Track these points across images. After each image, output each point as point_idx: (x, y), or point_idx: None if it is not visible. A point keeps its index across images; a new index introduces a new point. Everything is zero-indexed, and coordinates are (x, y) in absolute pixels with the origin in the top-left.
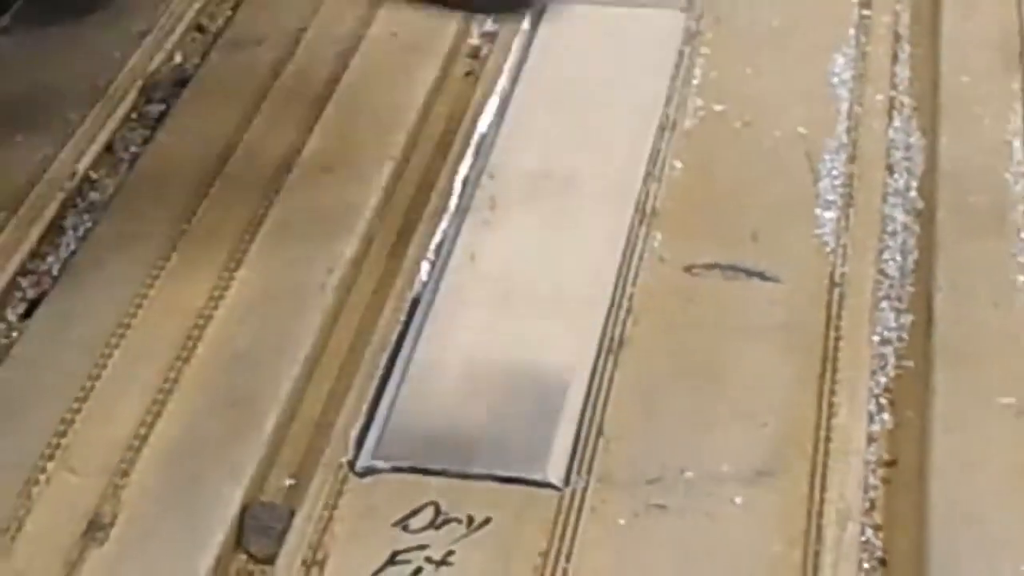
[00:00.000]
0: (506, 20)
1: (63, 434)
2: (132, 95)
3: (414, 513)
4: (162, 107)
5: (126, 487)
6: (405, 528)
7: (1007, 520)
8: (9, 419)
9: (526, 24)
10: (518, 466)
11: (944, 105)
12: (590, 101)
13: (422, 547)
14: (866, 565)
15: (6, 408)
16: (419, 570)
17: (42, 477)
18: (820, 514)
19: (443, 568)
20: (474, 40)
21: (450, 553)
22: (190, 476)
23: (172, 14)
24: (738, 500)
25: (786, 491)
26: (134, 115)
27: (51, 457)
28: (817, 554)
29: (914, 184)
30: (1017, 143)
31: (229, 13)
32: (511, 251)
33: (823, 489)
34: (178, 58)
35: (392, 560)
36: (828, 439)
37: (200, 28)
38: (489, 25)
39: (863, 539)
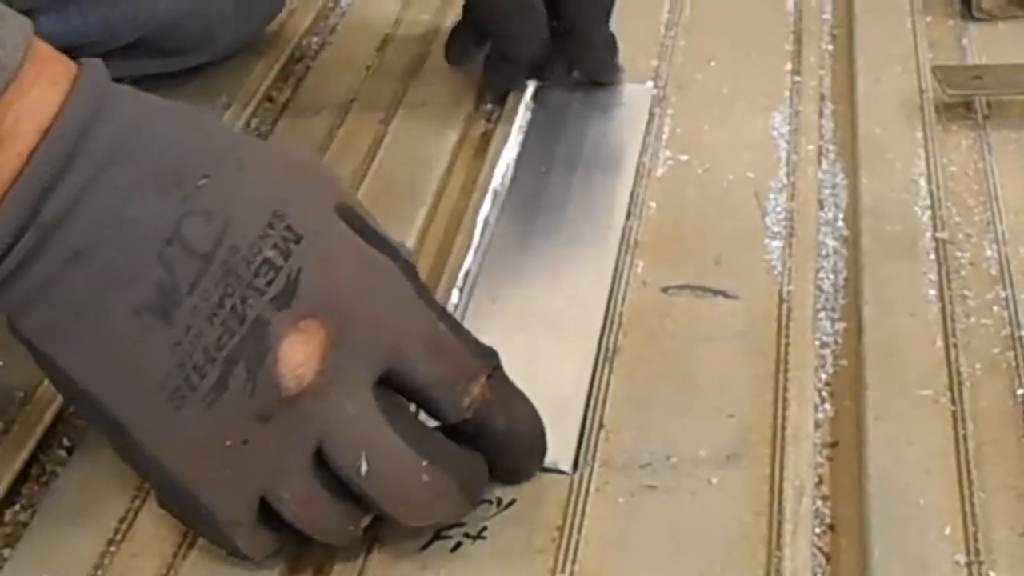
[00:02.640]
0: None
1: None
2: None
3: None
4: None
5: None
6: None
7: (931, 490)
8: None
9: (530, 92)
10: None
11: (862, 152)
12: (581, 155)
13: (461, 525)
14: (817, 531)
15: None
16: (459, 544)
17: None
18: (780, 491)
19: (479, 541)
20: (488, 106)
21: (484, 529)
22: None
23: (249, 88)
24: (714, 480)
25: (752, 471)
26: None
27: None
28: (779, 524)
29: (840, 216)
30: (922, 182)
31: (294, 87)
32: (523, 279)
33: (782, 469)
34: (254, 124)
35: (437, 536)
36: (783, 427)
37: (271, 99)
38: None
39: (814, 508)
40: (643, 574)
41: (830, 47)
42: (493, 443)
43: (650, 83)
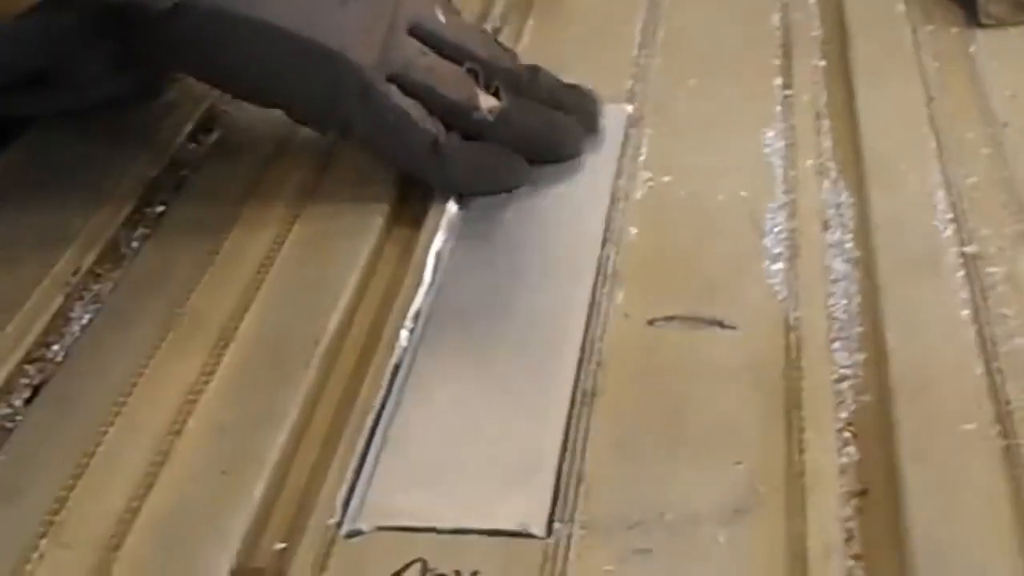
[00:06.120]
0: None
1: (57, 511)
2: (135, 198)
3: (402, 571)
4: (162, 208)
5: (117, 560)
6: None
7: (988, 543)
8: (6, 501)
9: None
10: (500, 519)
11: (869, 166)
12: (546, 180)
13: None
14: None
15: (3, 490)
16: None
17: (35, 555)
18: (803, 549)
19: None
20: None
21: None
22: (180, 545)
23: (172, 128)
24: (721, 539)
25: (767, 527)
26: (137, 216)
27: (44, 535)
28: None
29: (849, 237)
30: (941, 194)
31: (219, 128)
32: (483, 316)
33: (803, 523)
34: (176, 165)
35: None
36: (801, 473)
37: (195, 140)
38: None
39: (847, 569)
40: None
41: (822, 63)
42: None
43: (625, 104)
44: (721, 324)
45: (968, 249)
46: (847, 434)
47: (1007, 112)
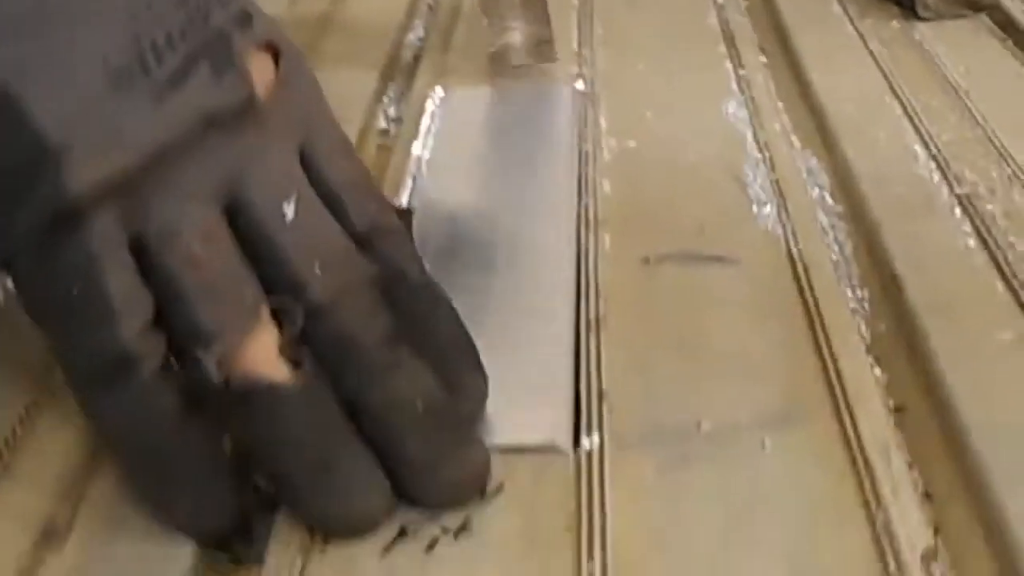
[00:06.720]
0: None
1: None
2: None
3: None
4: None
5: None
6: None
7: None
8: None
9: (434, 104)
10: (518, 434)
11: (836, 132)
12: (503, 151)
13: (433, 518)
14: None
15: None
16: (435, 541)
17: None
18: (861, 448)
19: (463, 534)
20: (381, 124)
21: (467, 521)
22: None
23: None
24: (768, 444)
25: (816, 431)
26: None
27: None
28: (872, 483)
29: (827, 195)
30: (918, 148)
31: None
32: (462, 268)
33: (854, 426)
34: None
35: (402, 533)
36: (840, 381)
37: None
38: (393, 111)
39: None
40: (710, 556)
41: (763, 59)
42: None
43: (573, 84)
44: (720, 259)
45: (961, 190)
46: (869, 358)
47: (966, 83)
